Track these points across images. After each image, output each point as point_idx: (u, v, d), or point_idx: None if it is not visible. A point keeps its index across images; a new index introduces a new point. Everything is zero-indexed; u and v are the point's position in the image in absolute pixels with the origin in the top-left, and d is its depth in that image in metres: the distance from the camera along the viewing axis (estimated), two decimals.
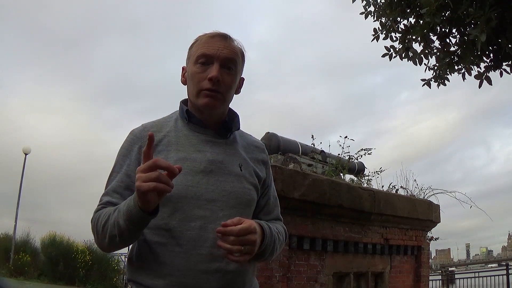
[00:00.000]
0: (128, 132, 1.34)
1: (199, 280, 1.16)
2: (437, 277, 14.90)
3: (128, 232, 1.10)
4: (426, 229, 5.82)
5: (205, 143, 1.29)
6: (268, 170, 1.44)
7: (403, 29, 4.64)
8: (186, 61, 1.36)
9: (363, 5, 4.76)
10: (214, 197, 1.22)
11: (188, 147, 1.26)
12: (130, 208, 1.07)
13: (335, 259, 4.45)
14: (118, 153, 1.31)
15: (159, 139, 1.26)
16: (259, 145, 1.45)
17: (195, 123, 1.31)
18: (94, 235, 1.21)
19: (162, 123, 1.33)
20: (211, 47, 1.27)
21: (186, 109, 1.31)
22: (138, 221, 1.08)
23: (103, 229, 1.15)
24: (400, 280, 5.25)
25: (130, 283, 1.24)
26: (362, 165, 8.05)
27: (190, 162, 1.23)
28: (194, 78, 1.28)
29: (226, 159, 1.29)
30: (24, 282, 14.56)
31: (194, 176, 1.22)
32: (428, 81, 4.68)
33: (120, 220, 1.09)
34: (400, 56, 4.64)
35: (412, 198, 5.77)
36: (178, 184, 1.17)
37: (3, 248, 16.99)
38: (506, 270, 10.82)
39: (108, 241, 1.15)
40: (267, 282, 3.75)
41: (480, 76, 4.12)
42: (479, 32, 3.37)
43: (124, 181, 1.24)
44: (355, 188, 4.72)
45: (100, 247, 1.22)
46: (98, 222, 1.17)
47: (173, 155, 1.23)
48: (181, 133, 1.29)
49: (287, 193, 3.90)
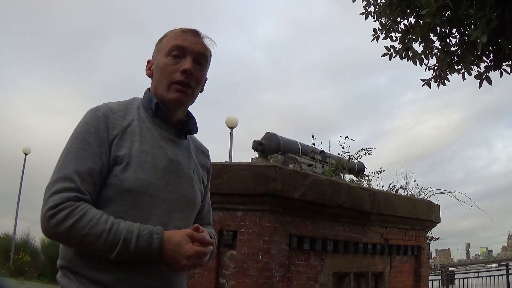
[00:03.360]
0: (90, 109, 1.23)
1: (146, 278, 1.14)
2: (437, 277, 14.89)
3: (128, 260, 1.10)
4: (426, 229, 5.82)
5: (166, 141, 1.26)
6: (209, 177, 1.44)
7: (403, 29, 4.64)
8: (153, 55, 1.33)
9: (363, 5, 4.77)
10: (170, 198, 1.21)
11: (150, 141, 1.22)
12: (148, 256, 1.10)
13: (335, 259, 4.45)
14: (81, 129, 1.17)
15: (124, 125, 1.20)
16: (204, 150, 1.44)
17: (159, 118, 1.27)
18: (57, 223, 1.05)
19: (126, 108, 1.26)
20: (185, 40, 1.26)
21: (156, 101, 1.26)
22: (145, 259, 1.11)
23: (84, 237, 1.05)
24: (400, 280, 5.25)
25: (65, 271, 1.14)
26: (362, 165, 8.05)
27: (152, 157, 1.20)
28: (165, 70, 1.24)
29: (183, 161, 1.28)
30: (24, 282, 14.56)
31: (155, 172, 1.18)
32: (428, 81, 4.68)
33: (125, 252, 1.08)
34: (400, 56, 4.64)
35: (412, 198, 5.77)
36: (139, 178, 1.15)
37: (3, 248, 17.01)
38: (506, 270, 10.82)
39: (78, 246, 1.09)
40: (267, 282, 3.75)
41: (480, 76, 4.12)
42: (480, 34, 3.37)
43: (98, 163, 1.13)
44: (355, 188, 4.72)
45: (52, 233, 1.08)
46: (79, 223, 1.05)
47: (136, 146, 1.18)
48: (143, 125, 1.24)
49: (287, 193, 3.90)
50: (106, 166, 1.15)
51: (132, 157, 1.17)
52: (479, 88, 4.14)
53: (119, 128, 1.19)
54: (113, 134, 1.18)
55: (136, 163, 1.16)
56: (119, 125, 1.20)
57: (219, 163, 4.19)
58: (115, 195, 1.14)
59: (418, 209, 5.44)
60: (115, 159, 1.16)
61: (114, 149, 1.16)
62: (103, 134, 1.16)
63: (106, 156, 1.15)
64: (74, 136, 1.16)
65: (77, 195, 1.08)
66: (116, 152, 1.16)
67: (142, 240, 1.08)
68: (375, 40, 4.74)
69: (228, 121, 11.73)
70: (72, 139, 1.16)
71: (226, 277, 3.84)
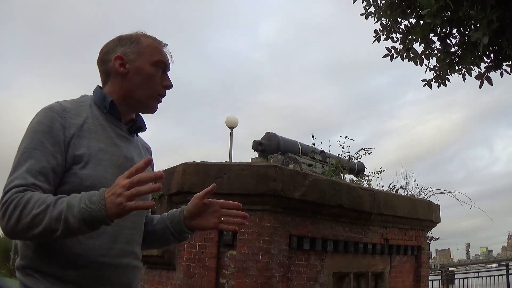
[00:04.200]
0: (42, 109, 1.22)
1: (111, 274, 1.16)
2: (437, 277, 14.89)
3: (77, 232, 1.04)
4: (426, 229, 5.83)
5: (120, 138, 1.29)
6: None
7: (403, 29, 4.64)
8: (127, 52, 1.31)
9: (363, 6, 4.77)
10: None
11: (105, 139, 1.24)
12: (92, 211, 1.01)
13: (335, 259, 4.46)
14: (34, 128, 1.16)
15: (79, 123, 1.21)
16: (148, 147, 1.49)
17: (113, 115, 1.29)
18: (9, 217, 1.04)
19: (78, 106, 1.26)
20: (165, 56, 1.35)
21: (111, 99, 1.28)
22: (98, 226, 1.04)
23: (33, 218, 1.02)
24: (400, 280, 5.26)
25: (29, 271, 1.12)
26: (362, 165, 8.06)
27: (109, 155, 1.22)
28: (152, 80, 1.31)
29: (136, 158, 1.31)
30: None
31: (113, 169, 1.20)
32: (429, 82, 4.69)
33: (71, 217, 1.01)
34: (401, 57, 4.64)
35: (412, 198, 5.78)
36: (98, 176, 1.17)
37: (3, 248, 17.01)
38: (506, 270, 10.82)
39: (33, 232, 1.03)
40: (267, 282, 3.76)
41: (480, 76, 4.13)
42: (481, 35, 3.37)
43: (51, 162, 1.13)
44: (355, 188, 4.72)
45: (9, 230, 1.05)
46: (27, 207, 1.03)
47: (93, 144, 1.20)
48: (97, 122, 1.25)
49: (287, 193, 3.91)
50: (61, 165, 1.15)
51: (91, 155, 1.18)
52: (480, 88, 4.15)
53: (75, 126, 1.20)
54: (70, 133, 1.18)
55: (94, 161, 1.18)
56: (74, 124, 1.20)
57: (219, 163, 4.19)
58: (74, 192, 1.11)
59: (418, 209, 5.44)
60: (73, 158, 1.16)
61: (72, 148, 1.17)
62: (58, 133, 1.16)
63: (62, 155, 1.15)
64: (28, 136, 1.16)
65: (26, 188, 1.07)
66: (74, 151, 1.17)
67: (84, 198, 1.03)
68: (376, 41, 4.75)
69: (228, 121, 11.74)
70: (25, 139, 1.16)
71: (226, 277, 3.85)
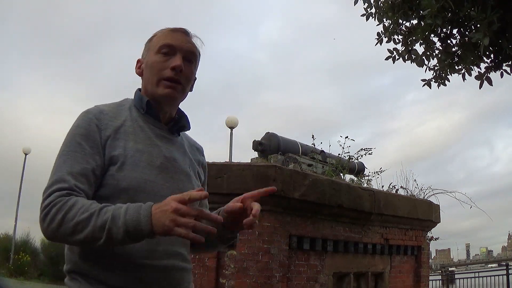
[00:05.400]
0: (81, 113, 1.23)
1: (155, 276, 1.14)
2: (437, 277, 14.89)
3: (120, 243, 1.04)
4: (426, 229, 5.83)
5: (160, 138, 1.26)
6: (205, 173, 1.45)
7: (405, 31, 4.65)
8: (143, 54, 1.34)
9: (365, 7, 4.77)
10: (169, 194, 1.16)
11: (144, 140, 1.22)
12: (137, 225, 1.01)
13: (335, 259, 4.46)
14: (73, 132, 1.18)
15: (117, 126, 1.21)
16: (199, 147, 1.45)
17: (151, 116, 1.28)
18: (51, 220, 1.04)
19: (117, 109, 1.26)
20: (175, 39, 1.27)
21: (147, 99, 1.26)
22: (141, 239, 1.04)
23: (76, 225, 1.02)
24: (400, 280, 5.26)
25: (73, 275, 1.13)
26: (362, 165, 8.06)
27: (147, 155, 1.20)
28: (155, 67, 1.25)
29: (178, 158, 1.28)
30: (24, 282, 14.57)
31: (151, 170, 1.19)
32: (429, 82, 4.69)
33: (115, 228, 1.01)
34: (403, 58, 4.64)
35: (412, 198, 5.78)
36: (136, 177, 1.15)
37: (3, 248, 17.01)
38: (506, 270, 10.82)
39: (74, 237, 1.03)
40: (267, 282, 3.76)
41: (480, 76, 4.13)
42: (482, 36, 3.37)
43: (91, 163, 1.13)
44: (355, 188, 4.73)
45: (49, 233, 1.06)
46: (70, 212, 1.03)
47: (131, 146, 1.19)
48: (136, 124, 1.24)
49: (287, 193, 3.90)
50: (100, 166, 1.15)
51: (127, 156, 1.16)
52: (480, 88, 4.15)
53: (111, 128, 1.19)
54: (105, 135, 1.18)
55: (131, 162, 1.16)
56: (110, 126, 1.20)
57: (219, 163, 4.19)
58: (112, 195, 1.13)
59: (418, 209, 5.44)
60: (110, 159, 1.16)
61: (108, 150, 1.17)
62: (95, 135, 1.17)
63: (100, 156, 1.15)
64: (67, 140, 1.17)
65: (69, 192, 1.08)
66: (110, 152, 1.16)
67: (130, 211, 1.03)
68: (378, 44, 4.76)
69: (228, 121, 11.75)
70: (65, 143, 1.17)
71: (226, 277, 3.85)
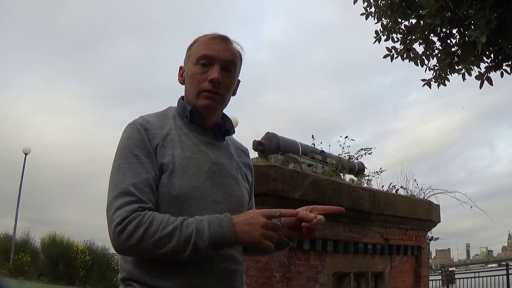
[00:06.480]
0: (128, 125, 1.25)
1: (207, 280, 1.16)
2: (437, 277, 14.91)
3: (203, 254, 1.10)
4: (426, 229, 5.82)
5: (205, 144, 1.28)
6: (253, 175, 1.46)
7: (404, 30, 4.65)
8: (184, 61, 1.36)
9: (364, 6, 4.78)
10: (218, 199, 1.23)
11: (190, 146, 1.25)
12: (222, 236, 1.08)
13: (335, 259, 4.46)
14: (125, 144, 1.19)
15: (163, 135, 1.24)
16: (245, 149, 1.47)
17: (195, 123, 1.30)
18: (129, 236, 1.07)
19: (161, 118, 1.30)
20: (212, 49, 1.27)
21: (190, 108, 1.29)
22: (223, 248, 1.11)
23: (159, 240, 1.07)
24: (400, 280, 5.26)
25: (129, 282, 1.17)
26: (362, 165, 8.05)
27: (195, 162, 1.22)
28: (195, 79, 1.27)
29: (225, 162, 1.30)
30: (24, 282, 14.56)
31: (199, 176, 1.21)
32: (429, 81, 4.70)
33: (200, 241, 1.07)
34: (402, 57, 4.65)
35: (412, 198, 5.77)
36: (186, 184, 1.18)
37: (3, 248, 17.00)
38: (506, 270, 10.83)
39: (156, 252, 1.08)
40: (267, 282, 3.76)
41: (480, 76, 4.13)
42: (480, 34, 3.38)
43: (150, 172, 1.16)
44: (355, 188, 4.73)
45: (126, 248, 1.09)
46: (150, 228, 1.07)
47: (178, 153, 1.21)
48: (181, 132, 1.27)
49: (287, 193, 3.91)
50: (158, 174, 1.18)
51: (175, 163, 1.19)
52: (480, 88, 4.16)
53: (159, 137, 1.22)
54: (154, 144, 1.21)
55: (180, 169, 1.19)
56: (158, 135, 1.23)
57: None
58: (163, 203, 1.16)
59: (418, 209, 5.44)
60: (160, 167, 1.19)
61: (158, 157, 1.19)
62: (147, 144, 1.19)
63: (155, 164, 1.18)
64: (120, 153, 1.19)
65: (141, 205, 1.11)
66: (161, 160, 1.19)
67: (213, 224, 1.09)
68: (377, 42, 4.76)
69: None
70: (118, 156, 1.19)
71: None
